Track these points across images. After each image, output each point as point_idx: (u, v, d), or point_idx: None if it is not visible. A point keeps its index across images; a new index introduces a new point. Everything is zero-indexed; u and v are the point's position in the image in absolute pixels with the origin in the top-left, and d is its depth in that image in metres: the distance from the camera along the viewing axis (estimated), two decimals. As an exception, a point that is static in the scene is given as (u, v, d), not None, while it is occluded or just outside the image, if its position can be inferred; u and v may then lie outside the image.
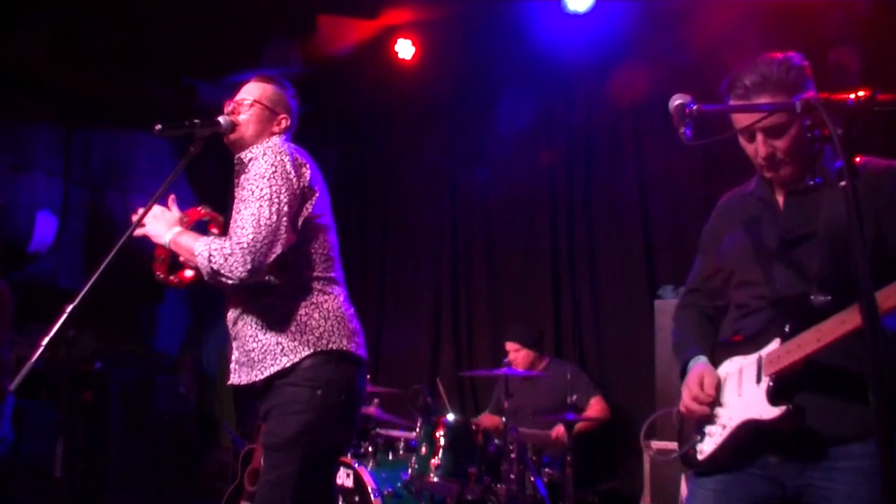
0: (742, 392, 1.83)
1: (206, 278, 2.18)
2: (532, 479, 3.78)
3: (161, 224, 2.28)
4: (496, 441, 3.93)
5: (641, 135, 5.06)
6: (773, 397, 1.74)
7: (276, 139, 2.37)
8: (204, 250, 2.14)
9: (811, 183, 1.58)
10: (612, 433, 4.68)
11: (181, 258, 2.30)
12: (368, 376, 2.51)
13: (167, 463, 5.73)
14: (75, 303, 1.83)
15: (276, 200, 2.15)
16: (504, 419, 3.93)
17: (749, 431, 1.78)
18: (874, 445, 1.62)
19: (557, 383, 4.35)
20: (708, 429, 1.89)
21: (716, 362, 1.94)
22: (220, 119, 2.36)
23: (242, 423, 6.27)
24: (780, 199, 1.91)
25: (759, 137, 1.80)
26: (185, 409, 6.24)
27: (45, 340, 1.75)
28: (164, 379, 6.05)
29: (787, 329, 1.75)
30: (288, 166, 2.20)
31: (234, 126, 2.36)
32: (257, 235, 2.10)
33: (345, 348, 2.23)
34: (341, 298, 2.31)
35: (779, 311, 1.82)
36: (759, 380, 1.79)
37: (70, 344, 4.35)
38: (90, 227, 6.05)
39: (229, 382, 2.34)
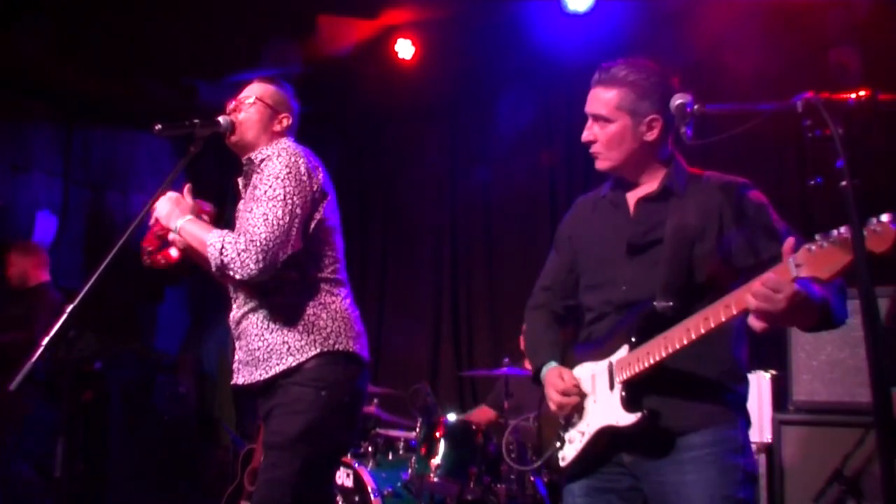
0: (597, 398, 1.88)
1: (212, 269, 2.16)
2: (532, 479, 3.78)
3: (175, 209, 2.25)
4: (496, 441, 3.93)
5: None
6: (627, 404, 1.79)
7: (286, 140, 2.37)
8: (217, 241, 2.12)
9: (811, 182, 1.59)
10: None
11: (171, 239, 2.27)
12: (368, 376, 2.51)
13: (167, 463, 5.72)
14: (75, 303, 1.83)
15: (290, 202, 2.15)
16: (504, 419, 3.93)
17: (606, 436, 1.84)
18: (711, 435, 1.78)
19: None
20: (568, 435, 1.94)
21: (568, 367, 1.99)
22: (220, 119, 2.36)
23: (242, 423, 6.27)
24: (631, 204, 1.97)
25: (589, 123, 1.99)
26: (185, 409, 6.24)
27: (45, 340, 1.76)
28: (164, 379, 6.05)
29: (633, 337, 1.81)
30: (302, 169, 2.21)
31: (234, 126, 2.36)
32: (270, 235, 2.10)
33: (350, 349, 2.23)
34: (348, 300, 2.32)
35: (625, 316, 1.88)
36: (612, 386, 1.84)
37: (70, 344, 4.35)
38: (90, 227, 6.04)
39: (233, 382, 2.33)
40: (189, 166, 2.31)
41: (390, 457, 4.27)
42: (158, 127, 2.27)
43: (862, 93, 1.38)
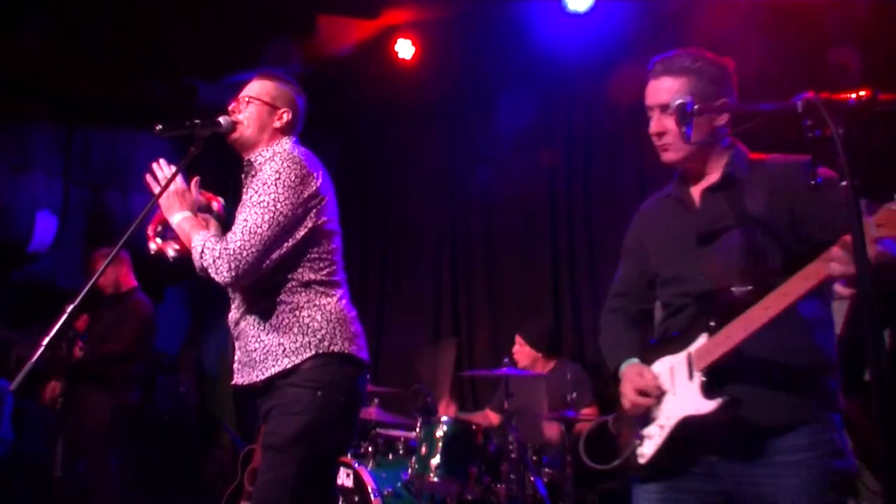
0: (676, 390, 1.84)
1: (196, 270, 2.22)
2: (532, 479, 3.78)
3: (176, 202, 2.30)
4: (496, 441, 3.93)
5: (641, 135, 5.03)
6: (707, 391, 1.75)
7: (285, 142, 2.37)
8: (199, 245, 2.19)
9: (811, 182, 1.59)
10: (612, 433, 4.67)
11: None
12: (368, 377, 2.51)
13: (167, 463, 5.72)
14: (75, 303, 1.83)
15: (273, 209, 2.16)
16: (504, 419, 3.93)
17: (687, 429, 1.79)
18: (803, 437, 1.72)
19: (558, 383, 4.35)
20: (646, 431, 1.89)
21: (646, 364, 1.95)
22: (221, 119, 2.36)
23: (242, 423, 6.27)
24: (696, 197, 1.96)
25: (656, 115, 1.92)
26: (185, 409, 6.25)
27: (46, 340, 1.76)
28: (164, 379, 6.05)
29: (712, 323, 1.78)
30: (293, 175, 2.20)
31: (234, 126, 2.36)
32: (245, 243, 2.13)
33: (346, 351, 2.23)
34: (343, 301, 2.31)
35: (702, 306, 1.86)
36: (690, 376, 1.81)
37: (70, 344, 4.36)
38: (90, 227, 6.04)
39: (233, 382, 2.34)
40: (189, 167, 2.31)
41: (390, 457, 4.27)
42: (159, 127, 2.28)
43: (862, 93, 1.39)
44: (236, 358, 2.34)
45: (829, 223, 1.74)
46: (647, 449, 1.88)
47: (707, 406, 1.74)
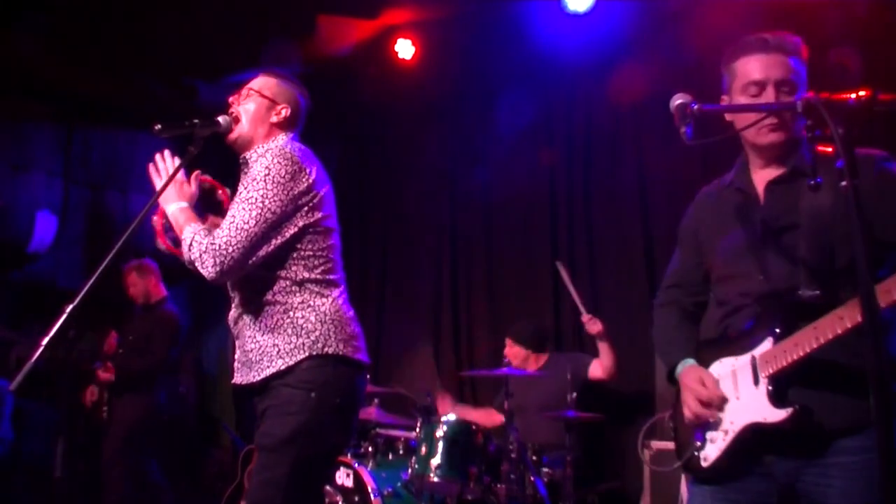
0: (740, 395, 1.80)
1: (185, 262, 2.23)
2: (532, 479, 3.78)
3: (174, 193, 2.31)
4: (496, 441, 3.93)
5: (641, 135, 5.06)
6: (775, 399, 1.71)
7: (281, 138, 2.36)
8: (188, 237, 2.20)
9: (812, 182, 1.58)
10: (612, 433, 4.68)
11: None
12: (368, 376, 2.50)
13: (167, 463, 5.72)
14: (75, 303, 1.82)
15: (261, 205, 2.15)
16: (504, 419, 3.93)
17: (753, 434, 1.76)
18: (868, 439, 1.66)
19: (558, 381, 4.35)
20: (709, 434, 1.85)
21: (703, 363, 1.91)
22: (220, 119, 2.35)
23: (242, 423, 6.27)
24: (760, 189, 1.89)
25: (771, 90, 1.80)
26: (185, 409, 6.24)
27: (45, 340, 1.75)
28: (164, 379, 6.05)
29: (778, 329, 1.73)
30: (283, 171, 2.18)
31: (232, 124, 2.36)
32: (230, 239, 2.12)
33: (341, 352, 2.21)
34: (340, 301, 2.28)
35: (766, 308, 1.80)
36: (756, 381, 1.76)
37: (70, 344, 4.37)
38: (90, 227, 6.04)
39: (233, 382, 2.35)
40: (188, 167, 2.31)
41: (390, 457, 4.27)
42: (158, 127, 2.27)
43: (862, 93, 1.38)
44: (236, 357, 2.34)
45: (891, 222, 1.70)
46: (710, 452, 1.84)
47: (777, 415, 1.70)
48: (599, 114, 5.28)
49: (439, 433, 3.84)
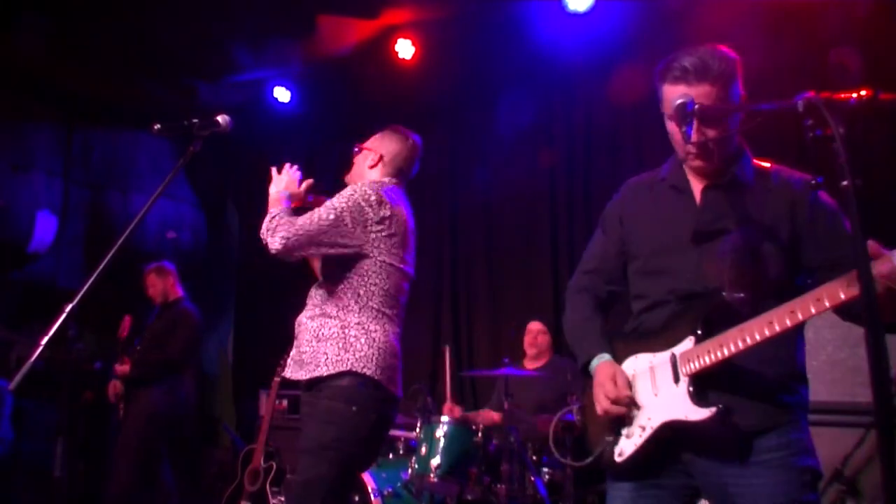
0: (658, 392, 1.81)
1: (260, 233, 2.47)
2: (532, 479, 3.78)
3: (284, 183, 2.61)
4: (496, 441, 3.93)
5: (641, 135, 5.06)
6: (697, 398, 1.73)
7: (373, 180, 2.64)
8: (274, 211, 2.48)
9: (813, 182, 1.58)
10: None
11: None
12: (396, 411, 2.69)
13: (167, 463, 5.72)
14: (75, 303, 1.83)
15: (339, 213, 2.41)
16: (504, 419, 3.93)
17: (670, 431, 1.77)
18: (782, 436, 1.72)
19: (558, 382, 4.35)
20: (625, 430, 1.85)
21: (618, 357, 1.91)
22: (220, 118, 2.37)
23: (242, 423, 6.27)
24: (697, 191, 1.90)
25: (695, 124, 1.77)
26: (186, 409, 6.24)
27: (45, 340, 1.75)
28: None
29: (699, 330, 1.75)
30: (365, 196, 2.45)
31: (230, 125, 2.41)
32: (305, 225, 2.38)
33: (377, 378, 2.40)
34: (391, 336, 2.54)
35: (687, 307, 1.81)
36: (676, 379, 1.77)
37: (70, 344, 4.37)
38: (90, 227, 6.05)
39: (282, 375, 2.60)
40: (189, 166, 2.32)
41: (390, 457, 4.27)
42: (158, 127, 2.29)
43: (863, 93, 1.38)
44: (291, 355, 2.54)
45: (825, 248, 1.74)
46: (626, 448, 1.84)
47: (699, 414, 1.71)
48: (599, 114, 5.28)
49: (439, 433, 3.84)
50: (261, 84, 5.88)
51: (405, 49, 5.33)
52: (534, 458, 3.93)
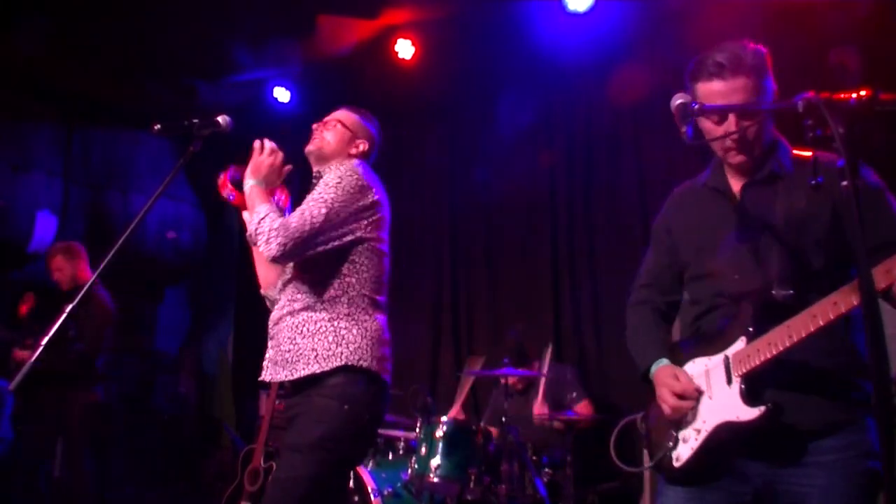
0: (713, 394, 1.80)
1: (246, 235, 2.36)
2: (532, 479, 3.78)
3: (264, 171, 2.44)
4: (496, 441, 3.93)
5: (641, 135, 5.06)
6: (749, 398, 1.72)
7: (352, 161, 2.50)
8: (262, 213, 2.31)
9: (813, 182, 1.58)
10: (612, 433, 4.67)
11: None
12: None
13: (167, 463, 5.73)
14: (75, 303, 1.83)
15: (329, 206, 2.29)
16: (504, 420, 3.93)
17: (725, 433, 1.76)
18: (845, 439, 1.69)
19: (557, 382, 4.35)
20: (682, 434, 1.85)
21: (677, 363, 1.91)
22: (220, 118, 2.37)
23: (242, 423, 6.27)
24: (736, 190, 1.89)
25: (731, 118, 1.78)
26: (185, 409, 6.25)
27: (45, 340, 1.76)
28: (164, 379, 6.05)
29: (751, 328, 1.74)
30: (353, 183, 2.35)
31: (230, 125, 2.40)
32: (301, 226, 2.24)
33: (374, 369, 2.30)
34: (381, 323, 2.40)
35: (740, 307, 1.80)
36: (729, 381, 1.77)
37: (70, 344, 4.36)
38: (90, 227, 6.04)
39: (260, 378, 2.42)
40: (189, 166, 2.32)
41: (390, 457, 4.27)
42: (157, 126, 2.29)
43: (863, 93, 1.38)
44: (267, 356, 2.41)
45: (873, 230, 1.67)
46: (683, 452, 1.83)
47: (749, 413, 1.70)
48: (599, 114, 5.28)
49: (439, 433, 3.84)
50: (261, 84, 5.87)
51: (405, 49, 5.33)
52: (534, 458, 3.93)
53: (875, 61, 4.03)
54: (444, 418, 3.95)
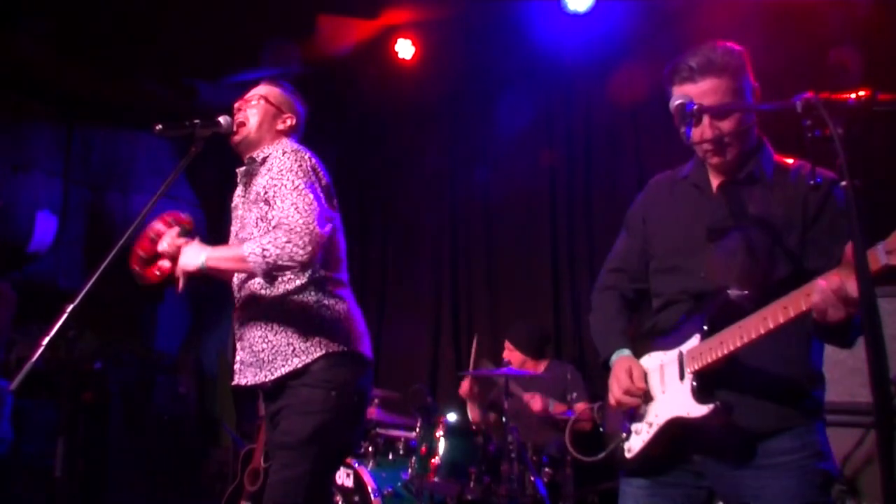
0: (666, 389, 1.82)
1: (259, 275, 2.15)
2: (532, 479, 3.78)
3: (191, 252, 2.20)
4: (496, 441, 3.93)
5: (641, 134, 5.06)
6: (699, 395, 1.73)
7: (287, 141, 2.39)
8: (255, 248, 2.08)
9: (812, 183, 1.58)
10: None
11: (161, 251, 2.26)
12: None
13: (167, 463, 5.72)
14: (75, 303, 1.83)
15: (311, 190, 2.16)
16: (504, 420, 3.93)
17: (676, 429, 1.78)
18: (797, 439, 1.71)
19: (557, 383, 4.35)
20: (634, 426, 1.88)
21: (636, 356, 1.93)
22: (221, 119, 2.37)
23: (242, 423, 6.26)
24: (715, 187, 1.90)
25: (706, 120, 1.78)
26: (185, 409, 6.24)
27: (45, 340, 1.76)
28: (164, 379, 6.04)
29: (705, 326, 1.75)
30: (308, 165, 2.24)
31: (235, 126, 2.38)
32: (307, 218, 2.09)
33: (356, 350, 2.24)
34: (351, 300, 2.32)
35: (698, 304, 1.81)
36: (682, 377, 1.78)
37: (70, 344, 4.36)
38: (90, 227, 6.04)
39: (234, 383, 2.33)
40: (189, 167, 2.32)
41: (390, 457, 4.27)
42: (159, 127, 2.29)
43: (862, 93, 1.38)
44: (238, 358, 2.32)
45: (826, 251, 1.71)
46: (634, 444, 1.87)
47: (698, 410, 1.72)
48: (599, 114, 5.28)
49: (439, 433, 3.84)
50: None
51: (405, 49, 5.33)
52: (534, 458, 3.92)
53: (875, 61, 4.03)
54: (444, 418, 3.95)
